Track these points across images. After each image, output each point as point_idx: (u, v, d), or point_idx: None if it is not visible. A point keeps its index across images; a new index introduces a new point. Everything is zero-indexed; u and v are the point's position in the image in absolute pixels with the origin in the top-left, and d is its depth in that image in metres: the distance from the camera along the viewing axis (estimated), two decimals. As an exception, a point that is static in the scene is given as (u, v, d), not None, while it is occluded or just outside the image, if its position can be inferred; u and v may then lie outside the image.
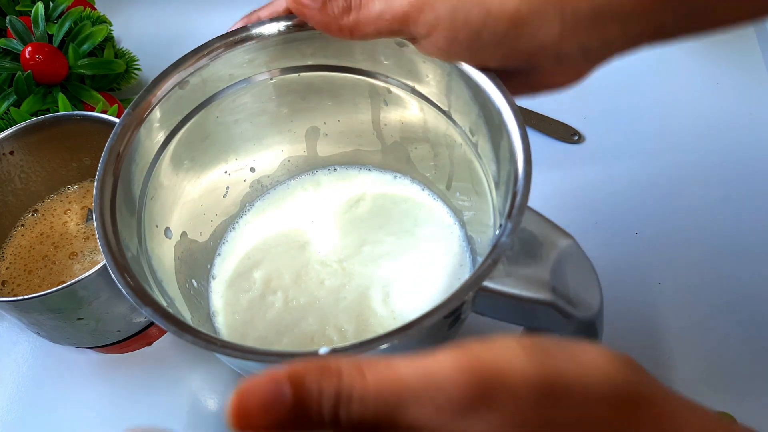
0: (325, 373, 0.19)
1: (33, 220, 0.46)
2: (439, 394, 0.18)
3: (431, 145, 0.39)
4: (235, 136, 0.39)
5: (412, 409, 0.18)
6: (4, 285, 0.43)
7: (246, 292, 0.39)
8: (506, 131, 0.29)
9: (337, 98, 0.39)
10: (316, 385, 0.19)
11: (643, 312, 0.45)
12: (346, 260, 0.39)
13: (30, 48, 0.50)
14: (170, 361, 0.45)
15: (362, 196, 0.42)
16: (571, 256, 0.30)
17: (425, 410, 0.18)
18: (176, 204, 0.37)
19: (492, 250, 0.26)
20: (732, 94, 0.55)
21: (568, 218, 0.31)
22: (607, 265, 0.33)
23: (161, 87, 0.34)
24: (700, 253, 0.47)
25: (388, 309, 0.37)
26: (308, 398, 0.18)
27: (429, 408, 0.18)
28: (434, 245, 0.39)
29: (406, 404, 0.18)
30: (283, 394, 0.18)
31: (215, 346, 0.26)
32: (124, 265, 0.29)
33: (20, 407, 0.45)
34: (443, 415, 0.18)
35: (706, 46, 0.58)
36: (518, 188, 0.27)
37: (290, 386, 0.18)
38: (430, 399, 0.18)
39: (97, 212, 0.30)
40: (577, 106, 0.54)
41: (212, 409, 0.44)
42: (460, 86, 0.33)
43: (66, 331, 0.40)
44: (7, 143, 0.43)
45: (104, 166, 0.31)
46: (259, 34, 0.35)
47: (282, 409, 0.18)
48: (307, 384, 0.19)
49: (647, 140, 0.53)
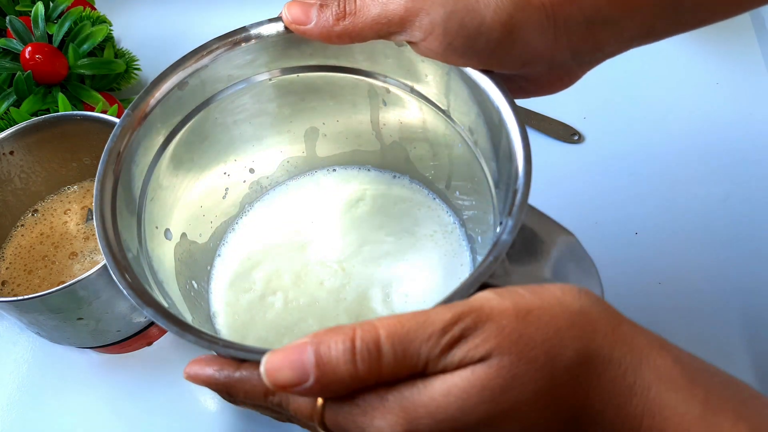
0: (340, 330, 0.23)
1: (33, 220, 0.46)
2: (435, 330, 0.23)
3: (430, 145, 0.39)
4: (235, 137, 0.39)
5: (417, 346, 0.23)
6: (4, 285, 0.43)
7: (246, 293, 0.39)
8: (506, 130, 0.29)
9: (336, 98, 0.39)
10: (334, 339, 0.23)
11: (643, 312, 0.45)
12: (346, 261, 0.39)
13: (30, 48, 0.50)
14: (170, 361, 0.45)
15: (362, 196, 0.42)
16: (572, 254, 0.30)
17: (428, 345, 0.23)
18: (176, 205, 0.37)
19: (493, 248, 0.26)
20: (732, 94, 0.55)
21: (568, 218, 0.31)
22: (607, 264, 0.33)
23: (160, 88, 0.34)
24: (700, 253, 0.47)
25: (388, 309, 0.37)
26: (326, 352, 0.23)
27: (431, 343, 0.23)
28: (434, 244, 0.39)
29: (411, 342, 0.23)
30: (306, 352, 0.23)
31: (217, 346, 0.26)
32: (125, 266, 0.29)
33: (20, 407, 0.45)
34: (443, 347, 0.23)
35: (706, 45, 0.58)
36: (518, 186, 0.27)
37: (311, 346, 0.23)
38: (429, 335, 0.23)
39: (98, 213, 0.30)
40: (577, 106, 0.54)
41: (212, 409, 0.44)
42: (460, 86, 0.33)
43: (66, 331, 0.40)
44: (7, 143, 0.43)
45: (104, 167, 0.31)
46: (258, 35, 0.35)
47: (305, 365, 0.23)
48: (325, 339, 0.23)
49: (647, 140, 0.53)
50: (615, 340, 0.24)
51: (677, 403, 0.23)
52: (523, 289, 0.24)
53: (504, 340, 0.22)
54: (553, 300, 0.24)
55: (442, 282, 0.38)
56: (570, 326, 0.23)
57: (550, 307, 0.23)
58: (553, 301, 0.24)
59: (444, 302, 0.25)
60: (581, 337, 0.23)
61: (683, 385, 0.23)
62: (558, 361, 0.23)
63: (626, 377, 0.23)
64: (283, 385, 0.23)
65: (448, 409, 0.22)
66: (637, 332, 0.24)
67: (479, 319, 0.23)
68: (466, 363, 0.23)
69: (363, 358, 0.22)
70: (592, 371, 0.23)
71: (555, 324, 0.23)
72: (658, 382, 0.23)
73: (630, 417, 0.23)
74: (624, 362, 0.23)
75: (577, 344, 0.23)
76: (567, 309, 0.23)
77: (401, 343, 0.23)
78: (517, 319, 0.23)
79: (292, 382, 0.23)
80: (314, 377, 0.23)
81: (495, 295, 0.24)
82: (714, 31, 0.59)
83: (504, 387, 0.22)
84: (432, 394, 0.23)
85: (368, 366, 0.22)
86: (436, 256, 0.39)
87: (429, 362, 0.23)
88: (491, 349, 0.22)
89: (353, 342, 0.23)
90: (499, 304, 0.23)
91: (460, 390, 0.22)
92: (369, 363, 0.22)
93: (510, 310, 0.23)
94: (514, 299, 0.23)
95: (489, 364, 0.22)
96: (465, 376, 0.22)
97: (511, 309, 0.23)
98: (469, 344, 0.23)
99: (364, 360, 0.22)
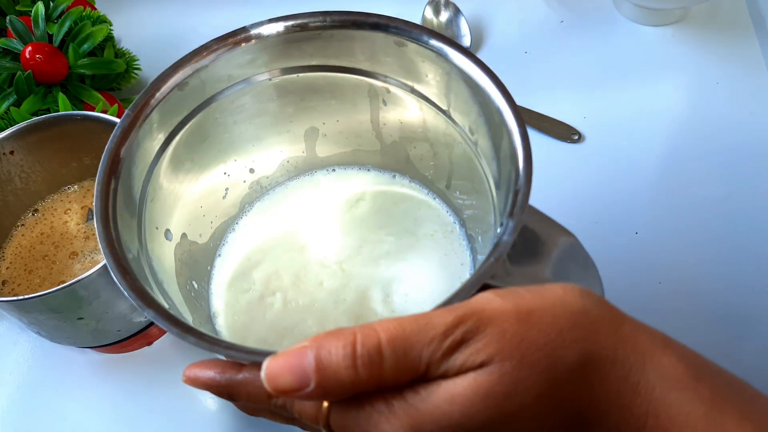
0: (340, 334, 0.23)
1: (33, 219, 0.46)
2: (436, 334, 0.22)
3: (430, 145, 0.39)
4: (235, 137, 0.39)
5: (418, 350, 0.22)
6: (4, 285, 0.43)
7: (245, 294, 0.39)
8: (506, 130, 0.29)
9: (337, 98, 0.39)
10: (334, 344, 0.23)
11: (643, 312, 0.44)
12: (346, 261, 0.39)
13: (30, 48, 0.50)
14: (170, 361, 0.45)
15: (362, 196, 0.42)
16: (572, 254, 0.30)
17: (430, 349, 0.22)
18: (176, 206, 0.37)
19: (494, 249, 0.26)
20: (732, 94, 0.55)
21: (568, 218, 0.31)
22: (607, 264, 0.33)
23: (160, 88, 0.34)
24: (700, 253, 0.47)
25: (388, 309, 0.37)
26: (327, 357, 0.23)
27: (432, 347, 0.22)
28: (434, 244, 0.39)
29: (412, 346, 0.22)
30: (306, 356, 0.23)
31: (219, 347, 0.26)
32: (125, 267, 0.29)
33: (20, 407, 0.45)
34: (445, 351, 0.22)
35: (706, 45, 0.58)
36: (519, 186, 0.27)
37: (311, 350, 0.23)
38: (430, 339, 0.22)
39: (98, 214, 0.30)
40: (577, 106, 0.54)
41: (212, 409, 0.44)
42: (460, 85, 0.33)
43: (66, 331, 0.40)
44: (7, 143, 0.43)
45: (104, 168, 0.31)
46: (258, 35, 0.35)
47: (306, 370, 0.22)
48: (325, 343, 0.23)
49: (647, 140, 0.53)
50: (618, 340, 0.23)
51: (682, 402, 0.23)
52: (525, 289, 0.24)
53: (506, 345, 0.22)
54: (555, 300, 0.24)
55: (443, 282, 0.38)
56: (572, 327, 0.23)
57: (551, 307, 0.23)
58: (555, 302, 0.23)
59: (445, 304, 0.25)
60: (584, 338, 0.23)
61: (687, 384, 0.23)
62: (560, 363, 0.23)
63: (630, 377, 0.23)
64: (284, 390, 0.23)
65: (453, 416, 0.22)
66: (641, 331, 0.24)
67: (481, 322, 0.23)
68: (468, 368, 0.22)
69: (364, 362, 0.22)
70: (595, 372, 0.23)
71: (557, 325, 0.23)
72: (662, 381, 0.23)
73: (634, 417, 0.23)
74: (627, 362, 0.23)
75: (579, 345, 0.23)
76: (569, 309, 0.23)
77: (402, 347, 0.22)
78: (519, 321, 0.23)
79: (293, 387, 0.23)
80: (315, 382, 0.23)
81: (496, 296, 0.24)
82: (714, 31, 0.59)
83: (507, 393, 0.22)
84: (436, 401, 0.23)
85: (369, 371, 0.22)
86: (437, 255, 0.39)
87: (430, 366, 0.23)
88: (493, 354, 0.22)
89: (354, 346, 0.23)
90: (501, 306, 0.23)
91: (464, 398, 0.22)
92: (370, 368, 0.22)
93: (511, 312, 0.23)
94: (515, 301, 0.23)
95: (491, 370, 0.22)
96: (468, 383, 0.22)
97: (512, 311, 0.23)
98: (470, 348, 0.22)
99: (365, 365, 0.22)
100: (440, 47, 0.33)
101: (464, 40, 0.59)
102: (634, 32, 0.59)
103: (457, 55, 0.32)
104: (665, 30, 0.59)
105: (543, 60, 0.58)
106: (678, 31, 0.59)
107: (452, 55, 0.33)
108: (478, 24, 0.61)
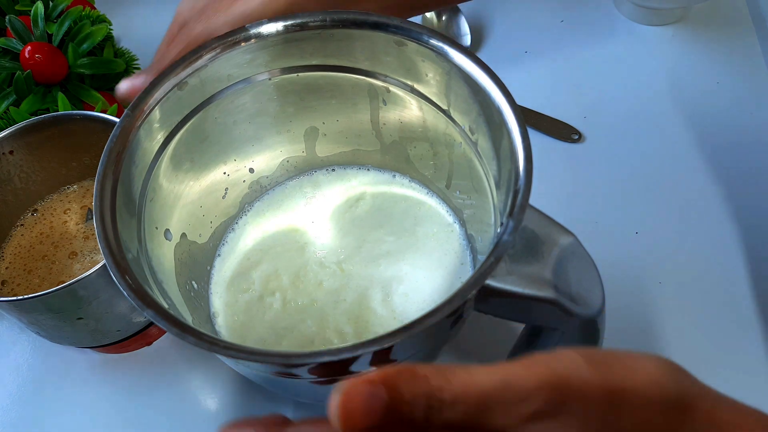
0: (415, 377, 0.20)
1: (33, 219, 0.46)
2: (519, 401, 0.20)
3: (430, 144, 0.39)
4: (234, 136, 0.39)
5: (494, 414, 0.20)
6: (4, 285, 0.43)
7: (244, 293, 0.39)
8: (507, 130, 0.29)
9: (336, 98, 0.39)
10: (408, 388, 0.20)
11: (643, 312, 0.45)
12: (346, 261, 0.39)
13: (29, 47, 0.50)
14: (170, 361, 0.45)
15: (361, 196, 0.42)
16: (572, 254, 0.30)
17: (507, 415, 0.20)
18: (176, 205, 0.37)
19: (494, 249, 0.26)
20: (732, 94, 0.55)
21: (568, 218, 0.31)
22: (608, 264, 0.33)
23: (160, 88, 0.33)
24: (700, 253, 0.47)
25: (388, 309, 0.37)
26: (401, 401, 0.20)
27: (510, 413, 0.20)
28: (434, 244, 0.39)
29: (490, 409, 0.20)
30: (380, 396, 0.20)
31: (218, 347, 0.26)
32: (125, 267, 0.29)
33: (20, 407, 0.45)
34: (522, 419, 0.20)
35: (706, 45, 0.58)
36: (519, 186, 0.27)
37: (385, 389, 0.20)
38: (512, 405, 0.20)
39: (98, 214, 0.30)
40: (577, 106, 0.54)
41: (212, 409, 0.44)
42: (460, 85, 0.33)
43: (66, 331, 0.40)
44: (6, 143, 0.43)
45: (104, 167, 0.31)
46: (258, 35, 0.35)
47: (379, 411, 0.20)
48: (400, 387, 0.20)
49: (647, 140, 0.53)
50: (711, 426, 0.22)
51: None
52: (614, 357, 0.22)
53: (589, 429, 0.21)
54: (647, 380, 0.22)
55: (443, 281, 0.38)
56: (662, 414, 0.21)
57: (644, 388, 0.21)
58: (647, 381, 0.22)
59: (445, 304, 0.25)
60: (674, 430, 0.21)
61: None
62: None
63: None
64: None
65: None
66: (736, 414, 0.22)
67: (566, 396, 0.21)
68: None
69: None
70: None
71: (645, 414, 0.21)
72: None
73: None
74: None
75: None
76: (663, 394, 0.21)
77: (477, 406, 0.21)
78: (607, 402, 0.21)
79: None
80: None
81: (584, 362, 0.21)
82: (714, 30, 0.59)
83: None
84: None
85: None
86: (436, 255, 0.39)
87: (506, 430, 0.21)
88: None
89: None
90: (590, 379, 0.21)
91: None
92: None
93: (600, 389, 0.21)
94: (604, 375, 0.21)
95: None
96: None
97: (601, 388, 0.21)
98: (549, 425, 0.21)
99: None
100: (440, 46, 0.33)
101: (464, 39, 0.59)
102: (634, 32, 0.59)
103: (458, 55, 0.32)
104: (665, 30, 0.59)
105: (543, 60, 0.58)
106: (678, 31, 0.59)
107: (452, 54, 0.32)
108: (478, 24, 0.61)
